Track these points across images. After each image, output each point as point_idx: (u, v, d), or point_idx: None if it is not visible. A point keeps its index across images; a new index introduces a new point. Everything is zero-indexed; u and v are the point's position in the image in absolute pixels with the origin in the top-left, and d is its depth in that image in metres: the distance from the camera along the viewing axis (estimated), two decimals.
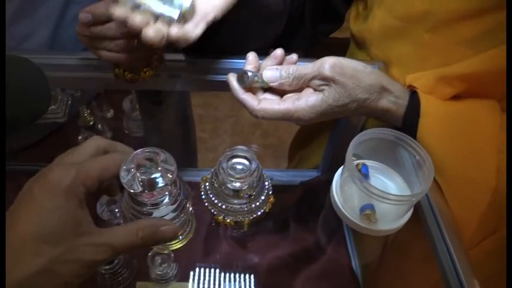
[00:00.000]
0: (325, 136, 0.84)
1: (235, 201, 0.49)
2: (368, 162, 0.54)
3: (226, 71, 0.55)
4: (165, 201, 0.44)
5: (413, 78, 0.56)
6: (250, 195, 0.49)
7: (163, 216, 0.45)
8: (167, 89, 0.66)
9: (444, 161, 0.51)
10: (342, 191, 0.52)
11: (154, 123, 0.78)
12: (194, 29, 0.49)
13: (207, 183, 0.51)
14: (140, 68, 0.54)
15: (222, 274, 0.71)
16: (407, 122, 0.53)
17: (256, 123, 1.75)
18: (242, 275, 0.70)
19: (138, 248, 0.38)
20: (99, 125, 0.88)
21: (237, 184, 0.48)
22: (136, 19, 0.45)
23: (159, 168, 0.41)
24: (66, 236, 0.34)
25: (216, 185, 0.49)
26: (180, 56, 0.61)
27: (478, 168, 0.51)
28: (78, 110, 0.87)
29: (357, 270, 0.75)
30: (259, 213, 0.50)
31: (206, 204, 0.51)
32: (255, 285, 0.69)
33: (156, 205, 0.44)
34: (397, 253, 0.73)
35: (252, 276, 0.70)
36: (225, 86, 0.55)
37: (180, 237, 0.57)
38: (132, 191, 0.40)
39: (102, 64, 0.58)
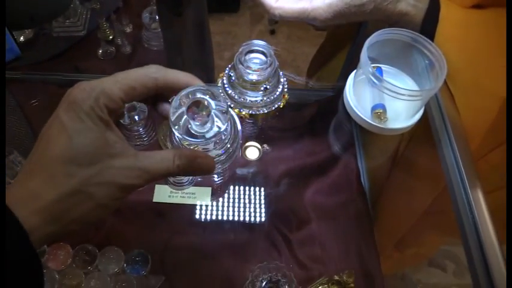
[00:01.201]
0: (343, 55, 0.84)
1: (252, 94, 0.51)
2: (382, 67, 0.55)
3: None
4: (212, 146, 0.41)
5: None
6: (266, 88, 0.51)
7: None
8: None
9: (459, 67, 0.52)
10: (355, 93, 0.53)
11: (174, 36, 0.79)
12: None
13: (224, 78, 0.52)
14: None
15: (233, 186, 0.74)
16: (425, 26, 0.53)
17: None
18: (248, 189, 0.74)
19: (173, 175, 0.37)
20: (119, 39, 0.89)
21: (254, 77, 0.49)
22: None
23: (212, 111, 0.36)
24: (98, 157, 0.33)
25: (233, 78, 0.51)
26: None
27: (491, 77, 0.51)
28: (98, 23, 0.88)
29: (365, 185, 0.78)
30: (273, 107, 0.52)
31: (223, 96, 0.53)
32: (260, 197, 0.73)
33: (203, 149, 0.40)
34: (404, 168, 0.75)
35: (258, 190, 0.73)
36: None
37: None
38: (178, 133, 0.37)
39: None
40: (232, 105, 0.52)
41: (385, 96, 0.49)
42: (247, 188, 0.74)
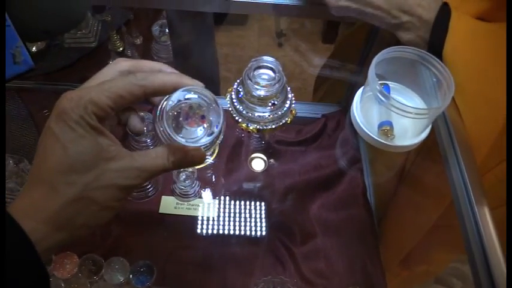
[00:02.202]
0: (350, 70, 0.85)
1: (260, 109, 0.52)
2: (389, 84, 0.56)
3: None
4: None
5: None
6: (274, 104, 0.51)
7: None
8: (204, 9, 0.66)
9: (466, 78, 0.51)
10: (362, 109, 0.53)
11: (184, 48, 0.80)
12: None
13: (232, 93, 0.53)
14: None
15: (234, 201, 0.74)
16: (435, 33, 0.53)
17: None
18: (254, 202, 0.74)
19: (168, 171, 0.38)
20: (129, 51, 0.90)
21: (262, 92, 0.50)
22: None
23: (206, 124, 0.38)
24: (94, 162, 0.34)
25: (241, 94, 0.52)
26: None
27: (498, 89, 0.51)
28: (109, 35, 0.89)
29: (371, 200, 0.78)
30: (281, 123, 0.53)
31: (231, 110, 0.53)
32: (265, 210, 0.73)
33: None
34: (410, 184, 0.75)
35: (263, 203, 0.73)
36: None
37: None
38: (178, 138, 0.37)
39: None
40: (240, 120, 0.53)
41: (392, 113, 0.49)
42: (252, 201, 0.74)
